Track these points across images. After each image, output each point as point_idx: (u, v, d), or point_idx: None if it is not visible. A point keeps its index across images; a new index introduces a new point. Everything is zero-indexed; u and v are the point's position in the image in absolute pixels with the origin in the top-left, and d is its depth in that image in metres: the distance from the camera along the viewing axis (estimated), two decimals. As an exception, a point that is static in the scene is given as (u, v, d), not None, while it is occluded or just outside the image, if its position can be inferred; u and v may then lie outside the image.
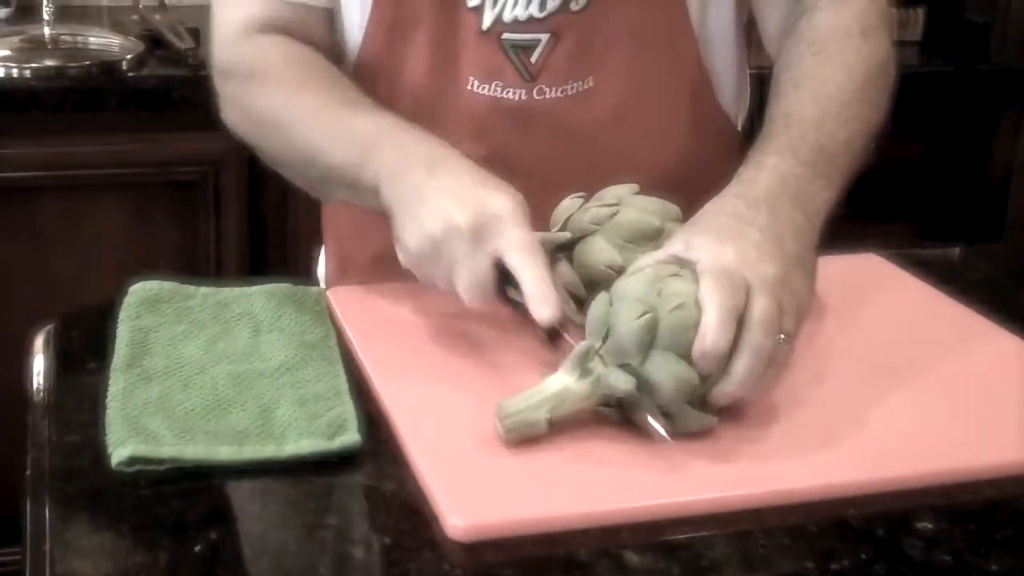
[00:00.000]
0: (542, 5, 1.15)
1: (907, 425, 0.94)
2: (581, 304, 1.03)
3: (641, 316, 0.88)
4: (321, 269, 1.38)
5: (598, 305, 0.92)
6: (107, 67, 2.03)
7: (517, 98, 1.17)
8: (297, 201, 2.04)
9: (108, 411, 0.90)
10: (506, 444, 0.88)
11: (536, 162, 1.18)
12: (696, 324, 0.88)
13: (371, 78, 1.19)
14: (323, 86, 1.14)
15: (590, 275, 1.02)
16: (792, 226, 0.97)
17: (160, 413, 0.89)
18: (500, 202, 0.98)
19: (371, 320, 1.07)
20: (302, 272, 1.77)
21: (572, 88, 1.17)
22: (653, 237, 1.02)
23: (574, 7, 1.15)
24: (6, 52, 2.07)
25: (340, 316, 1.07)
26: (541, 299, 0.94)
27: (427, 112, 1.17)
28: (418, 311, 1.08)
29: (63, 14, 2.25)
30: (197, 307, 1.06)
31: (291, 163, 1.15)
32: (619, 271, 1.00)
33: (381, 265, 1.21)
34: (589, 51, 1.17)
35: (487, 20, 1.15)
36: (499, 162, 1.17)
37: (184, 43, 2.09)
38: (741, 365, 0.88)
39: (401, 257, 1.02)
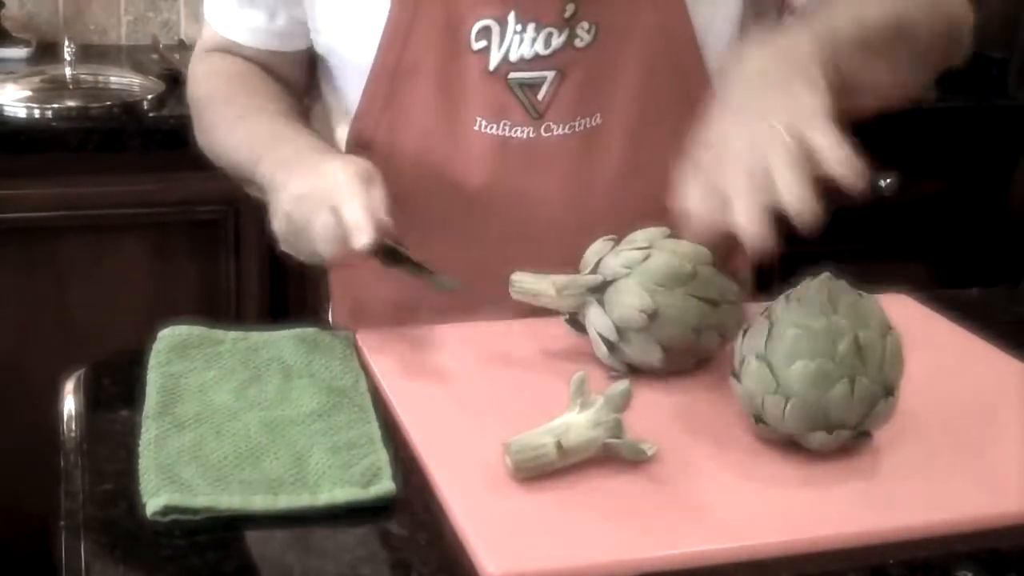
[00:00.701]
0: (547, 43, 1.15)
1: (945, 471, 0.93)
2: (612, 347, 1.03)
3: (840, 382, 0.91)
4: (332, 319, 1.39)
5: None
6: (128, 107, 2.04)
7: (525, 136, 1.17)
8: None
9: (141, 459, 0.89)
10: (516, 478, 0.88)
11: (547, 200, 1.18)
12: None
13: (374, 123, 1.20)
14: (248, 98, 1.24)
15: (622, 319, 1.02)
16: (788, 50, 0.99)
17: (193, 461, 0.89)
18: (334, 164, 1.07)
19: (401, 364, 1.06)
20: (321, 308, 1.77)
21: (580, 125, 1.18)
22: (685, 281, 1.01)
23: (579, 44, 1.15)
24: (27, 92, 2.08)
25: (370, 360, 1.07)
26: (355, 229, 1.01)
27: (435, 153, 1.18)
28: (448, 354, 1.08)
29: (83, 54, 2.27)
30: (227, 352, 1.06)
31: (221, 165, 1.27)
32: (651, 315, 1.00)
33: (394, 313, 1.21)
34: (596, 87, 1.17)
35: (494, 60, 1.15)
36: (509, 201, 1.17)
37: (204, 83, 2.10)
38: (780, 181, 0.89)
39: (280, 246, 1.11)
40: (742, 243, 0.91)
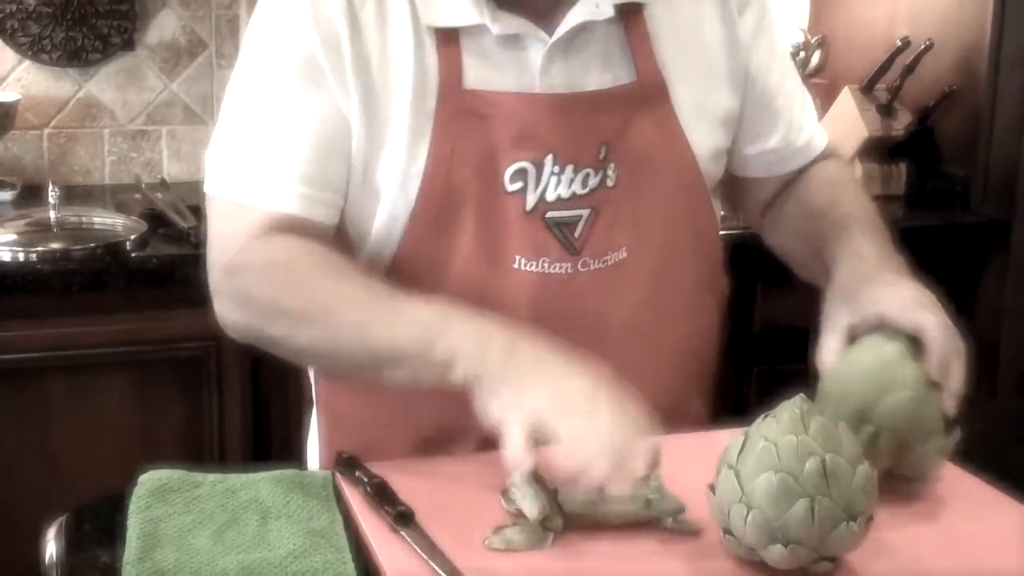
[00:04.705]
0: (584, 183, 1.21)
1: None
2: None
3: None
4: (312, 459, 1.39)
5: None
6: (111, 248, 2.07)
7: (564, 271, 1.21)
8: (299, 372, 2.06)
9: (121, 608, 0.91)
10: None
11: (580, 334, 1.15)
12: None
13: (412, 266, 1.20)
14: (355, 275, 1.14)
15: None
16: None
17: (172, 609, 0.90)
18: (608, 410, 1.00)
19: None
20: (305, 441, 1.79)
21: (611, 259, 1.23)
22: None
23: (609, 183, 1.22)
24: (13, 236, 2.11)
25: (350, 498, 1.09)
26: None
27: (475, 293, 1.17)
28: (428, 489, 1.09)
29: (68, 194, 2.31)
30: (205, 496, 1.08)
31: (330, 349, 1.14)
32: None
33: (409, 453, 1.22)
34: (623, 222, 1.23)
35: (531, 201, 1.20)
36: (546, 337, 1.16)
37: (186, 221, 2.14)
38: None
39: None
40: None
